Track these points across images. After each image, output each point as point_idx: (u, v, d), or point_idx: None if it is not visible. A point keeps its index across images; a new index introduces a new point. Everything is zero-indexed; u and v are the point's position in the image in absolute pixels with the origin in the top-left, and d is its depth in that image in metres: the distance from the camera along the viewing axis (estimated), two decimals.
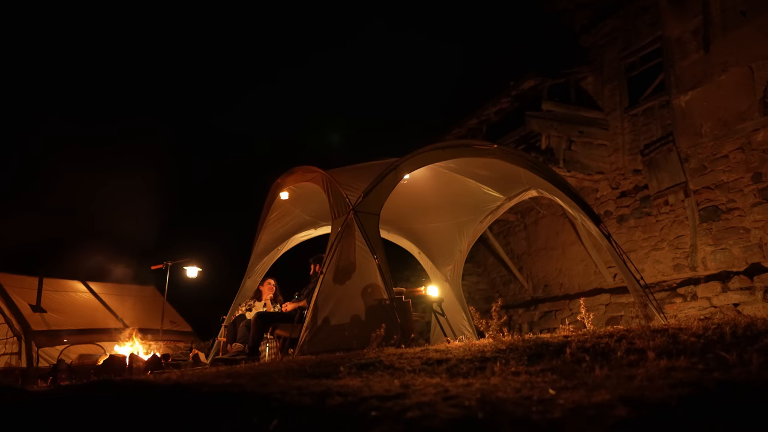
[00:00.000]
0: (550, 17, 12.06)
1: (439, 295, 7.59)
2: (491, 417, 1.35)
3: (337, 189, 5.68)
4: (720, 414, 1.24)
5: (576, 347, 2.48)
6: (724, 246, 8.34)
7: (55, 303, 10.05)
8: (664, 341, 2.41)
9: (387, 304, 4.91)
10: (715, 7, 8.72)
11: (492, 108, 11.95)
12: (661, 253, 9.29)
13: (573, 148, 10.29)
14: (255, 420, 1.60)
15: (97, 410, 2.20)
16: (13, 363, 8.99)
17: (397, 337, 4.38)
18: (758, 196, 7.99)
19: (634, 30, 10.27)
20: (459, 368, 2.38)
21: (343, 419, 1.53)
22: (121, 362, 6.33)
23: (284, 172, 7.11)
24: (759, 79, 8.05)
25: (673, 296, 8.77)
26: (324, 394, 1.80)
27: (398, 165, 5.77)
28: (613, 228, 9.79)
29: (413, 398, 1.64)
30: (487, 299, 13.06)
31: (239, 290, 7.85)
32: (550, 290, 11.60)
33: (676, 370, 1.75)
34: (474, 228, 8.06)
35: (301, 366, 2.90)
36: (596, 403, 1.35)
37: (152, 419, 1.94)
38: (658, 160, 9.27)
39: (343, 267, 5.25)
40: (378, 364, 2.67)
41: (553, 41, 12.24)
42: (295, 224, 8.08)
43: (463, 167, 6.87)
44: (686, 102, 9.02)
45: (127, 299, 11.53)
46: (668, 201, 9.27)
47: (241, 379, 2.55)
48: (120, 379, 3.17)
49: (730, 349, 2.02)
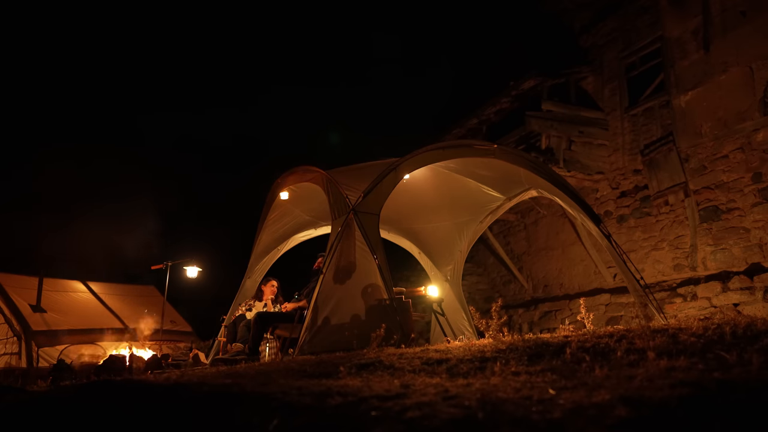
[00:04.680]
0: (550, 17, 12.06)
1: (439, 295, 7.59)
2: (491, 417, 1.35)
3: (337, 189, 5.68)
4: (720, 414, 1.24)
5: (576, 347, 2.48)
6: (724, 246, 8.34)
7: (55, 303, 10.05)
8: (664, 341, 2.41)
9: (387, 304, 4.91)
10: (715, 7, 8.72)
11: (492, 108, 11.94)
12: (661, 253, 9.28)
13: (573, 148, 10.29)
14: (255, 420, 1.60)
15: (97, 410, 2.20)
16: (13, 363, 8.99)
17: (397, 337, 4.38)
18: (758, 196, 7.99)
19: (634, 30, 10.27)
20: (459, 368, 2.38)
21: (344, 419, 1.53)
22: (121, 362, 6.33)
23: (284, 172, 7.11)
24: (759, 79, 8.05)
25: (673, 296, 8.77)
26: (324, 394, 1.80)
27: (398, 165, 5.77)
28: (613, 228, 9.78)
29: (413, 398, 1.64)
30: (487, 299, 13.05)
31: (239, 290, 7.85)
32: (550, 290, 11.59)
33: (676, 370, 1.75)
34: (474, 228, 8.06)
35: (301, 366, 2.90)
36: (596, 403, 1.35)
37: (152, 419, 1.94)
38: (658, 160, 9.27)
39: (343, 267, 5.25)
40: (378, 364, 2.67)
41: (553, 41, 12.23)
42: (295, 224, 8.08)
43: (463, 167, 6.87)
44: (686, 102, 9.02)
45: (127, 299, 11.53)
46: (668, 201, 9.27)
47: (241, 379, 2.55)
48: (120, 379, 3.17)
49: (730, 349, 2.02)
